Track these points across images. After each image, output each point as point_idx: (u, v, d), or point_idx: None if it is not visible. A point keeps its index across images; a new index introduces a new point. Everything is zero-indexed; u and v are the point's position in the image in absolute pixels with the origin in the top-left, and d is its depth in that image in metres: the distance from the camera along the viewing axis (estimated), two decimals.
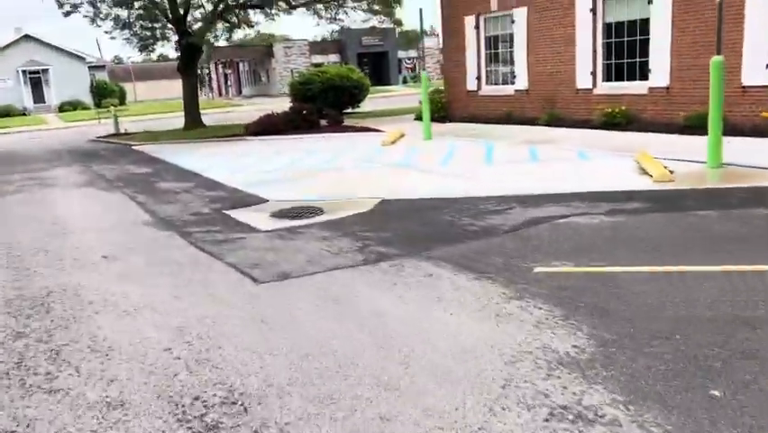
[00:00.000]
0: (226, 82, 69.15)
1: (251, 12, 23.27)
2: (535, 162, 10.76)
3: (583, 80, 14.38)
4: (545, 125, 14.81)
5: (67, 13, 22.46)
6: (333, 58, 58.36)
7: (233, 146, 16.73)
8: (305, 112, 18.16)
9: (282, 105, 46.55)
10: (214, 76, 69.92)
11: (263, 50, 59.28)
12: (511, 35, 16.28)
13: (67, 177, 13.36)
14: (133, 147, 18.70)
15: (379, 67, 61.56)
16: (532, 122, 15.42)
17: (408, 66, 63.45)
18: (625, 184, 8.32)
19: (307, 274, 5.53)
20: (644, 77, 13.03)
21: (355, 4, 20.74)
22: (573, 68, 14.59)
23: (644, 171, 8.93)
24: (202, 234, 7.38)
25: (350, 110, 25.57)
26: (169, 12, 21.94)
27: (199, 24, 22.77)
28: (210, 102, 52.21)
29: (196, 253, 6.57)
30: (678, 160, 9.39)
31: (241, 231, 7.46)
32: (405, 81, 61.30)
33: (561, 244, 5.91)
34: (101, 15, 22.67)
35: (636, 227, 6.37)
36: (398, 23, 20.51)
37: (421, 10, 14.75)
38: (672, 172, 8.38)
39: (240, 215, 8.42)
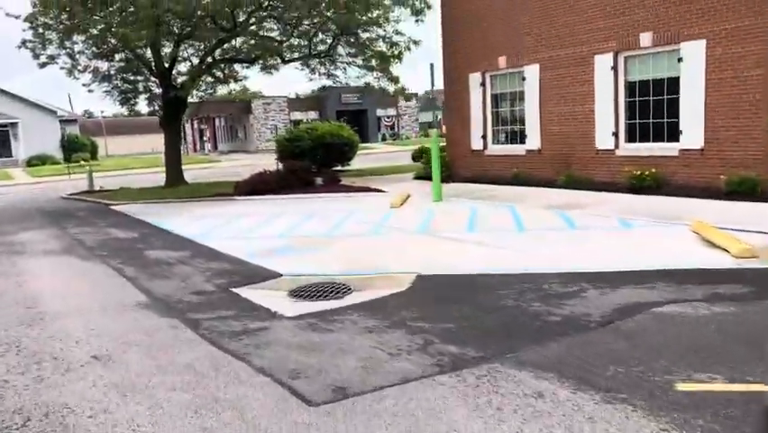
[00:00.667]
0: (201, 137, 68.15)
1: (237, 66, 22.34)
2: (574, 230, 9.69)
3: (604, 140, 13.56)
4: (563, 188, 13.88)
5: (43, 65, 21.22)
6: (313, 115, 57.88)
7: (224, 207, 15.42)
8: (299, 170, 17.02)
9: (262, 161, 45.53)
10: (189, 130, 68.86)
11: (241, 106, 58.57)
12: (521, 93, 15.52)
13: (40, 242, 11.84)
14: (112, 207, 17.25)
15: (358, 124, 60.94)
16: (545, 183, 14.50)
17: (387, 124, 63.32)
18: (698, 260, 7.25)
19: (372, 390, 4.22)
20: (674, 138, 12.23)
21: (351, 60, 19.94)
22: (592, 127, 13.79)
23: (710, 244, 7.90)
24: (213, 323, 6.03)
25: (339, 168, 24.56)
26: (153, 65, 20.88)
27: (184, 78, 21.74)
28: (187, 157, 50.98)
29: (213, 351, 5.21)
30: (744, 230, 8.40)
31: (260, 317, 6.14)
32: (384, 139, 61.00)
33: (681, 344, 4.73)
34: (79, 67, 21.52)
35: (760, 321, 5.25)
36: (395, 80, 19.06)
37: (432, 66, 13.93)
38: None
39: (253, 294, 7.10)
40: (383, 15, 17.42)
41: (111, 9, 16.59)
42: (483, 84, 16.51)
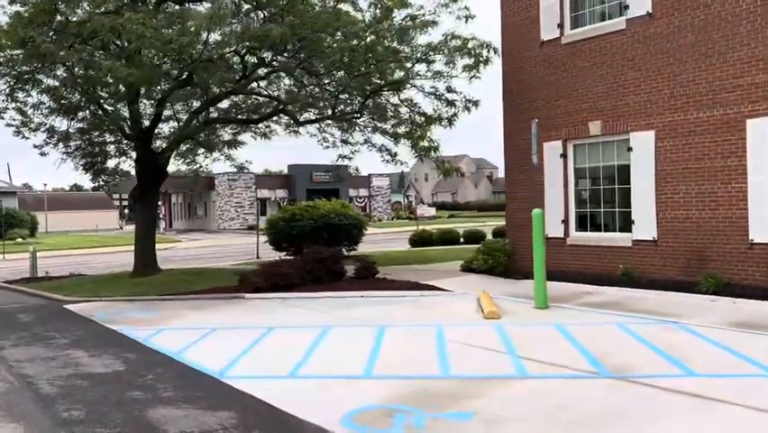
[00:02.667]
0: None
1: (227, 129, 18.47)
2: None
3: (761, 230, 10.14)
4: (707, 293, 10.26)
5: None
6: (281, 193, 54.05)
7: (236, 311, 11.06)
8: (328, 258, 12.94)
9: (229, 241, 40.92)
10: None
11: (203, 182, 54.16)
12: (624, 167, 12.13)
13: None
14: (67, 305, 12.61)
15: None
16: (672, 286, 10.88)
17: (360, 205, 59.84)
18: None
19: None
20: None
21: (377, 124, 16.30)
22: (742, 212, 10.38)
23: None
24: None
25: (344, 252, 20.54)
26: (127, 124, 16.77)
27: (164, 141, 17.71)
28: None
29: None
30: None
31: None
32: None
33: None
34: (31, 125, 17.23)
35: None
36: (435, 148, 15.34)
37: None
38: None
39: None
40: (446, 62, 13.91)
41: (89, 45, 12.61)
42: (564, 155, 13.08)
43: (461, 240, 26.64)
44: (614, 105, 12.17)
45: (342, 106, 15.58)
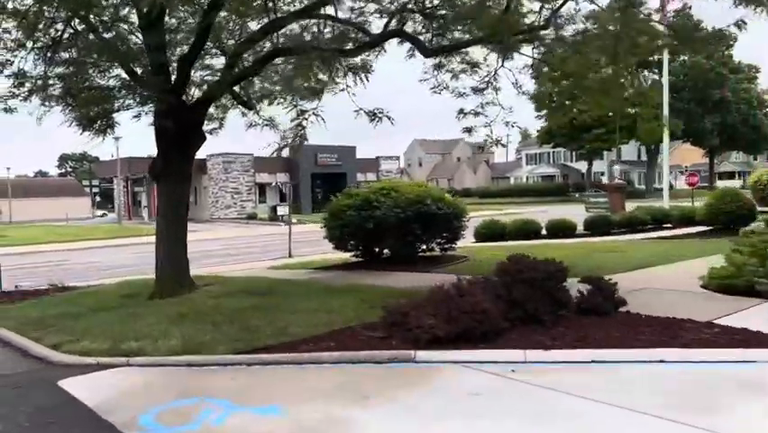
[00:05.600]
0: (134, 201, 56.11)
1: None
2: None
3: None
4: None
5: None
6: (282, 177, 47.63)
7: (438, 410, 5.15)
8: (545, 280, 7.03)
9: (229, 233, 34.63)
10: (120, 194, 56.77)
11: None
12: None
13: None
14: (66, 383, 6.30)
15: (335, 191, 51.15)
16: None
17: None
18: None
19: None
20: None
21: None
22: None
23: None
24: None
25: (432, 252, 14.73)
26: (140, 61, 10.56)
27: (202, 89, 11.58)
28: (123, 228, 39.22)
29: None
30: None
31: None
32: None
33: None
34: None
35: None
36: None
37: None
38: None
39: None
40: None
41: None
42: None
43: (544, 232, 20.99)
44: None
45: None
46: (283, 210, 33.13)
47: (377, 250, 15.20)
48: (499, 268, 7.32)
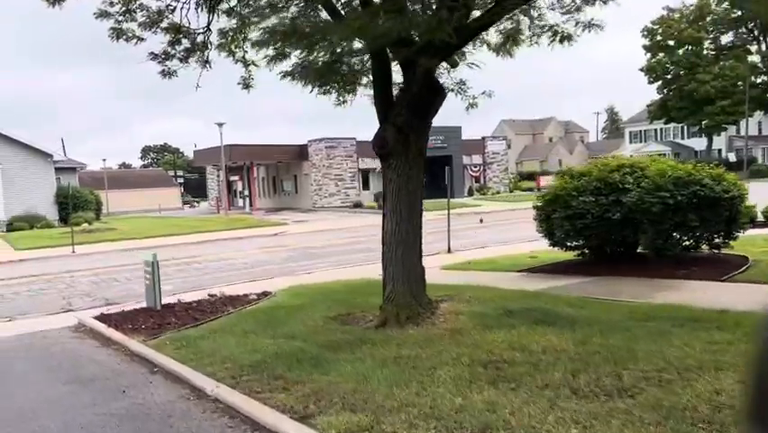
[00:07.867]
0: (230, 191, 54.38)
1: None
2: None
3: None
4: None
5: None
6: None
7: None
8: None
9: (342, 223, 31.89)
10: (213, 183, 55.31)
11: (293, 151, 45.24)
12: None
13: None
14: None
15: (439, 175, 47.86)
16: None
17: (474, 174, 50.14)
18: None
19: None
20: None
21: None
22: None
23: None
24: None
25: (707, 251, 11.11)
26: None
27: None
28: (226, 218, 37.11)
29: None
30: None
31: None
32: (471, 193, 47.67)
33: None
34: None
35: None
36: None
37: None
38: None
39: None
40: None
41: None
42: None
43: None
44: None
45: None
46: None
47: (608, 249, 11.71)
48: None
